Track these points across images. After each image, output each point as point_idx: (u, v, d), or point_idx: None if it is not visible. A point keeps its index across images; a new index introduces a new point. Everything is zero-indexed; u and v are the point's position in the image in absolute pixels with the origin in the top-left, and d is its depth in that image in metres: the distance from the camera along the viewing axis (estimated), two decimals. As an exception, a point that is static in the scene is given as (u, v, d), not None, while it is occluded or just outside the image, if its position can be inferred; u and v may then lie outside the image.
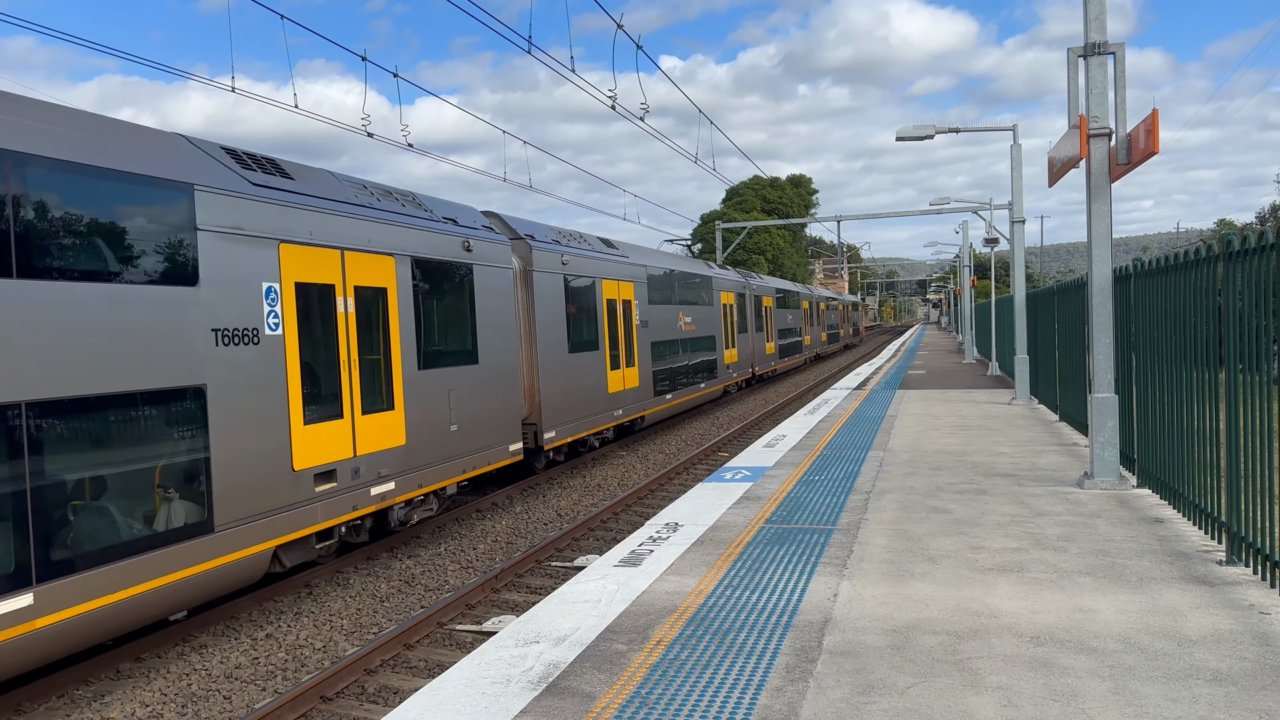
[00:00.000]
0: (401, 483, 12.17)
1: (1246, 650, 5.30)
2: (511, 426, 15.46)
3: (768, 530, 8.70)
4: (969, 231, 42.47)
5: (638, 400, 22.08)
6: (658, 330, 23.94)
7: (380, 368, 11.96)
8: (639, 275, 22.83)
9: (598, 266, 19.97)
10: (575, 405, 18.29)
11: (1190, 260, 8.08)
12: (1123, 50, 9.74)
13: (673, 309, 25.54)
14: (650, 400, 22.99)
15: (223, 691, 8.37)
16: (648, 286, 23.38)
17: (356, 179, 12.72)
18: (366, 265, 11.74)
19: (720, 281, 31.78)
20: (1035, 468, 11.50)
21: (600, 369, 19.63)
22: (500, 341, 15.11)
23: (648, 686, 5.15)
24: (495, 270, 15.10)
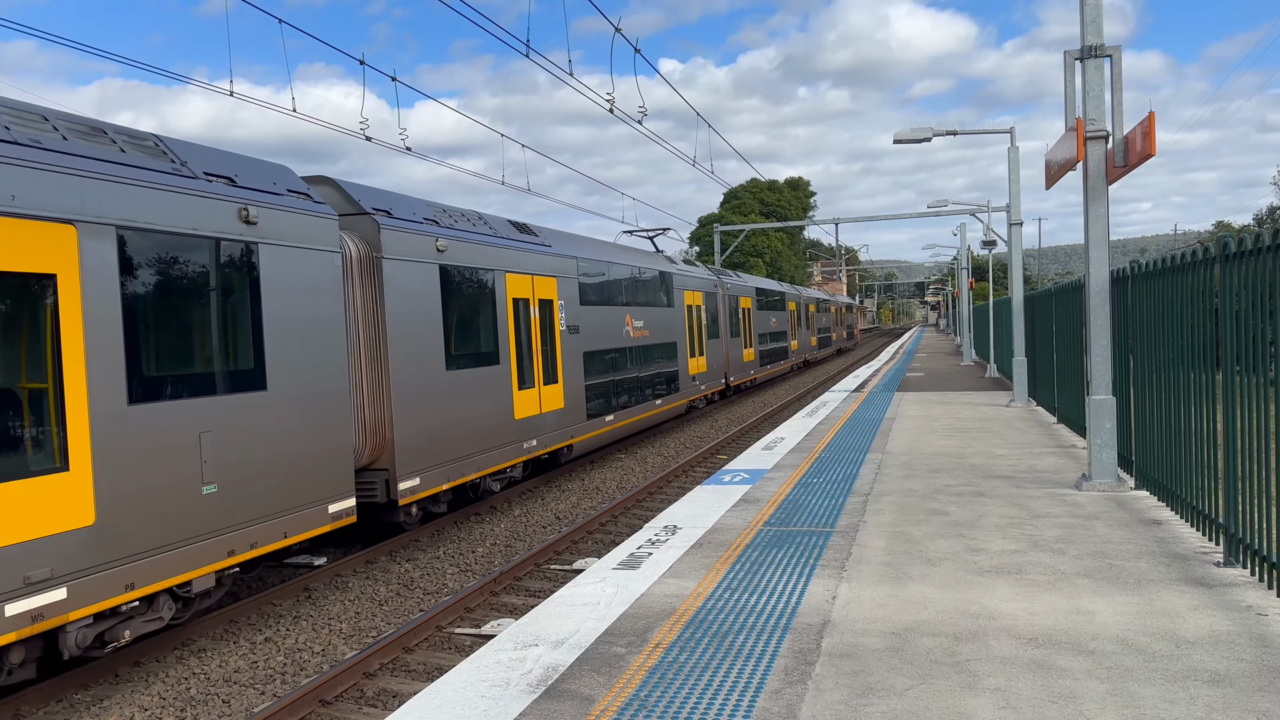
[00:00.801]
0: (85, 586, 7.79)
1: (1244, 651, 5.31)
2: (332, 477, 10.91)
3: (766, 532, 8.70)
4: (967, 234, 42.53)
5: (561, 426, 17.69)
6: (594, 337, 19.67)
7: (45, 403, 7.67)
8: (565, 269, 18.40)
9: (499, 256, 15.64)
10: (458, 439, 13.88)
11: (1187, 262, 8.10)
12: (1119, 53, 9.76)
13: (616, 311, 21.28)
14: (581, 425, 18.72)
15: (221, 695, 8.37)
16: (579, 283, 19.03)
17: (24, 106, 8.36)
18: (11, 238, 7.41)
19: (683, 279, 27.39)
20: (1033, 470, 11.51)
21: (503, 389, 15.34)
22: (310, 356, 10.66)
23: (646, 689, 5.15)
24: (304, 255, 10.64)
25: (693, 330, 27.81)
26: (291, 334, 10.48)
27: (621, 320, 21.67)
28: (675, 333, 25.91)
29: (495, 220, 16.66)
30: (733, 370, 32.93)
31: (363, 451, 12.16)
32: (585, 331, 19.27)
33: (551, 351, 17.53)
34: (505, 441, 15.39)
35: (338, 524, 11.10)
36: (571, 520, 15.03)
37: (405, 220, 13.23)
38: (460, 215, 15.39)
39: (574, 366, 18.52)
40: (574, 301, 18.76)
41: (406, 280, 12.93)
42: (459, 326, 14.23)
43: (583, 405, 18.84)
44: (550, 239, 18.47)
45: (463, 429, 14.04)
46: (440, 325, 13.62)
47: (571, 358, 18.40)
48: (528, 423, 16.29)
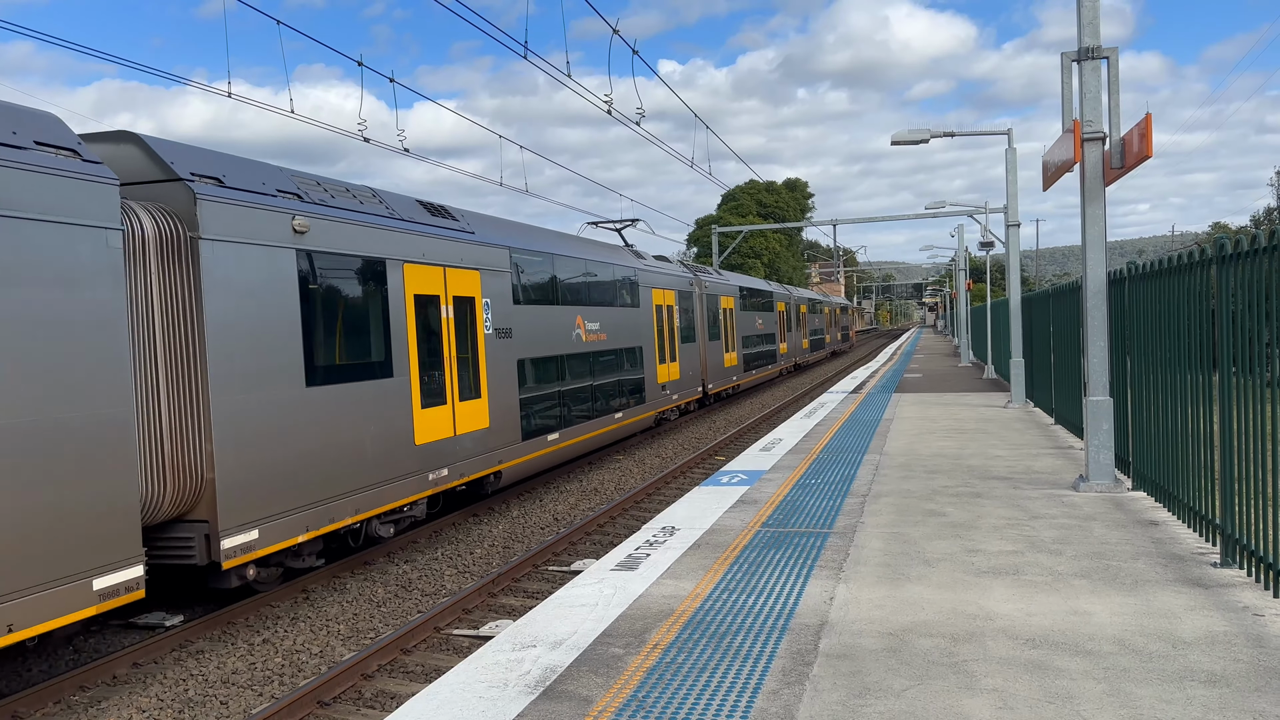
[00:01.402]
0: None
1: (1241, 652, 5.33)
2: (99, 540, 8.12)
3: (764, 534, 8.71)
4: (965, 235, 42.57)
5: (486, 449, 14.62)
6: (533, 342, 16.70)
7: None
8: (494, 261, 15.44)
9: (395, 243, 12.60)
10: (326, 475, 10.86)
11: (1184, 263, 8.12)
12: (1116, 54, 9.78)
13: (563, 312, 18.27)
14: (513, 447, 15.57)
15: (219, 697, 8.37)
16: (513, 279, 16.11)
17: None
18: None
19: (651, 276, 24.31)
20: (1031, 471, 11.53)
21: (397, 408, 12.31)
22: (54, 371, 7.83)
23: (644, 690, 5.16)
24: (52, 232, 7.90)
25: (663, 333, 24.87)
26: (17, 340, 7.52)
27: (570, 322, 18.64)
28: (641, 336, 22.98)
29: (396, 199, 13.52)
30: (712, 377, 30.19)
31: (161, 500, 9.09)
32: (521, 335, 16.16)
33: (472, 360, 14.48)
34: (401, 473, 12.29)
35: (110, 604, 8.16)
36: (569, 521, 15.04)
37: (242, 191, 10.11)
38: (342, 190, 12.19)
39: (504, 377, 15.41)
40: (505, 300, 15.67)
41: (240, 270, 9.89)
42: (329, 331, 11.09)
43: (516, 423, 15.72)
44: (475, 224, 15.46)
45: (334, 461, 10.95)
46: (298, 329, 10.51)
47: (501, 367, 15.33)
48: (435, 448, 13.16)
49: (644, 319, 23.50)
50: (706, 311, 29.67)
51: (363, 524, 11.98)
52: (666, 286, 25.72)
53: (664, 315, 25.20)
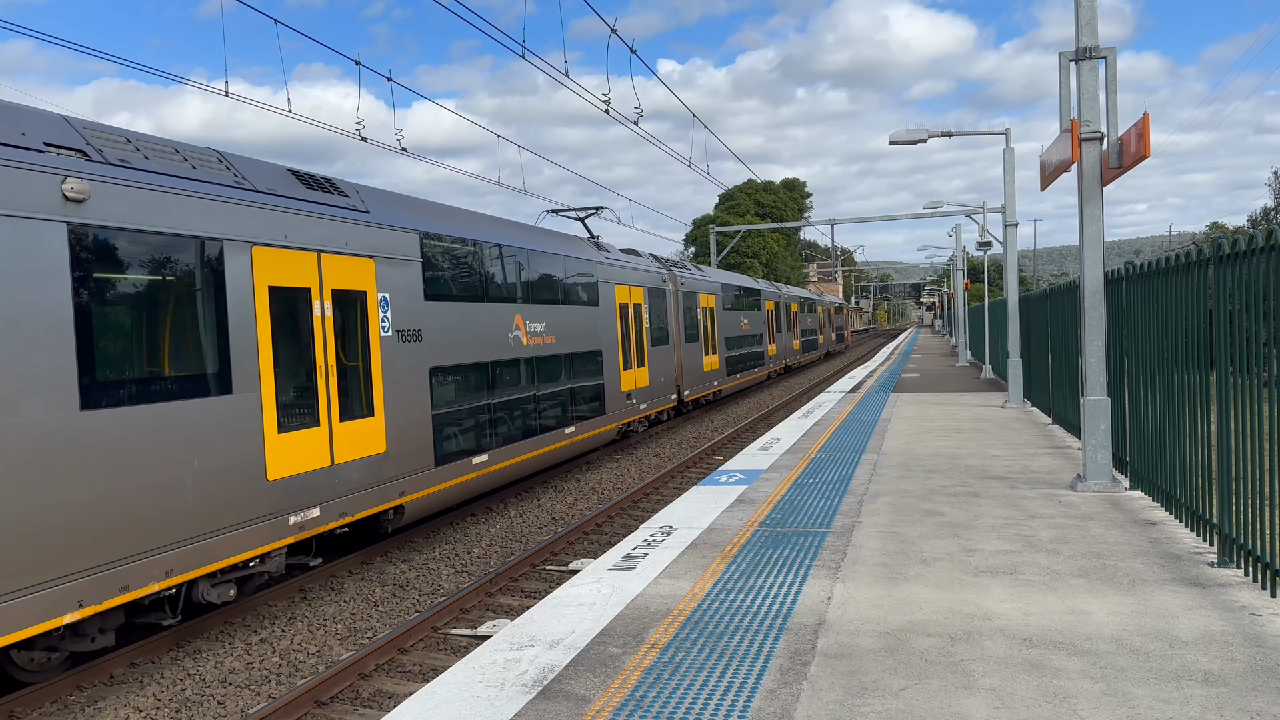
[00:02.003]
0: None
1: (1238, 651, 5.33)
2: None
3: (762, 533, 8.71)
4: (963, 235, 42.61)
5: (381, 479, 11.94)
6: (452, 346, 14.02)
7: None
8: (397, 248, 12.75)
9: (238, 219, 9.90)
10: (111, 529, 8.24)
11: (1182, 263, 8.12)
12: (1114, 54, 9.78)
13: (495, 310, 15.56)
14: (423, 474, 12.94)
15: (216, 696, 8.36)
16: (425, 270, 13.39)
17: None
18: None
19: (614, 270, 21.76)
20: (1028, 470, 11.53)
21: (241, 433, 9.66)
22: None
23: (642, 690, 5.16)
24: None
25: (629, 335, 22.28)
26: None
27: (506, 322, 15.90)
28: (601, 338, 20.38)
29: (255, 166, 10.76)
30: (689, 382, 27.59)
31: None
32: (436, 338, 13.52)
33: (362, 369, 11.78)
34: (243, 518, 9.55)
35: None
36: (567, 521, 15.04)
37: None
38: (167, 151, 9.59)
39: (410, 390, 12.72)
40: (412, 295, 12.99)
41: None
42: (122, 334, 8.57)
43: (427, 446, 13.06)
44: (373, 202, 12.67)
45: (128, 508, 8.38)
46: (68, 332, 7.99)
47: (404, 377, 12.65)
48: (301, 483, 10.44)
49: (605, 319, 20.85)
50: (683, 310, 27.30)
51: (181, 588, 9.19)
52: (633, 283, 23.12)
53: (630, 315, 22.65)
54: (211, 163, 10.05)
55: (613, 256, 22.26)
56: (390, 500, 12.19)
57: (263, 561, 10.17)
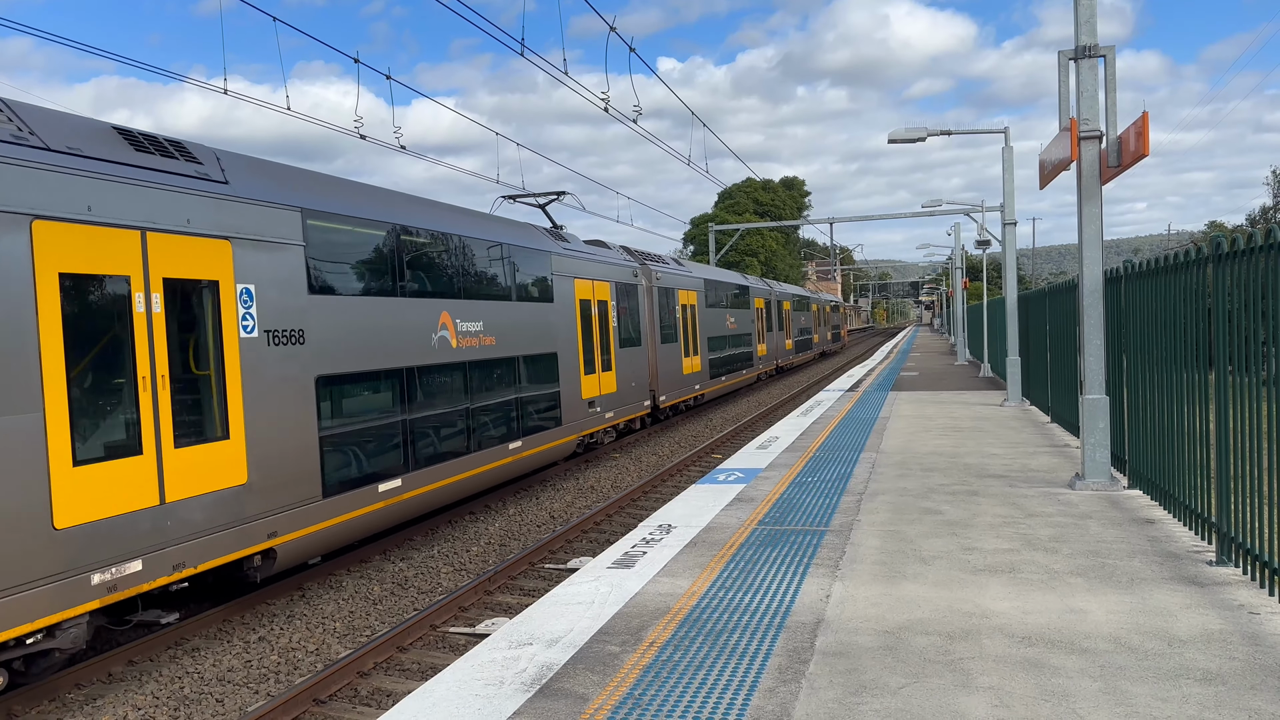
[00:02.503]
0: None
1: (1236, 650, 5.33)
2: None
3: (761, 532, 8.71)
4: (961, 234, 42.62)
5: (241, 518, 9.67)
6: (350, 350, 11.61)
7: None
8: (268, 228, 10.41)
9: None
10: None
11: (1180, 262, 8.12)
12: (1113, 53, 9.78)
13: (415, 307, 13.18)
14: (305, 508, 10.59)
15: (215, 694, 8.36)
16: (309, 255, 11.00)
17: None
18: None
19: (572, 262, 19.43)
20: (1027, 469, 11.54)
21: (7, 468, 7.46)
22: None
23: (641, 688, 5.16)
24: None
25: (591, 335, 20.05)
26: None
27: (430, 321, 13.55)
28: (556, 339, 18.02)
29: (55, 120, 8.59)
30: (665, 387, 25.29)
31: None
32: (326, 340, 11.10)
33: (214, 379, 9.51)
34: (17, 581, 7.43)
35: None
36: (566, 519, 15.04)
37: None
38: None
39: (286, 404, 10.42)
40: (291, 287, 10.64)
41: None
42: None
43: (313, 472, 10.74)
44: (234, 171, 10.29)
45: None
46: None
47: (278, 388, 10.32)
48: (111, 529, 8.26)
49: (562, 317, 18.56)
50: (657, 308, 25.04)
51: None
52: (598, 277, 20.79)
53: (594, 313, 20.38)
54: None
55: (572, 247, 19.74)
56: (254, 544, 9.82)
57: (51, 635, 7.78)
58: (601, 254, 21.78)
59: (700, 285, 29.84)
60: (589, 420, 19.70)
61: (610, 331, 21.30)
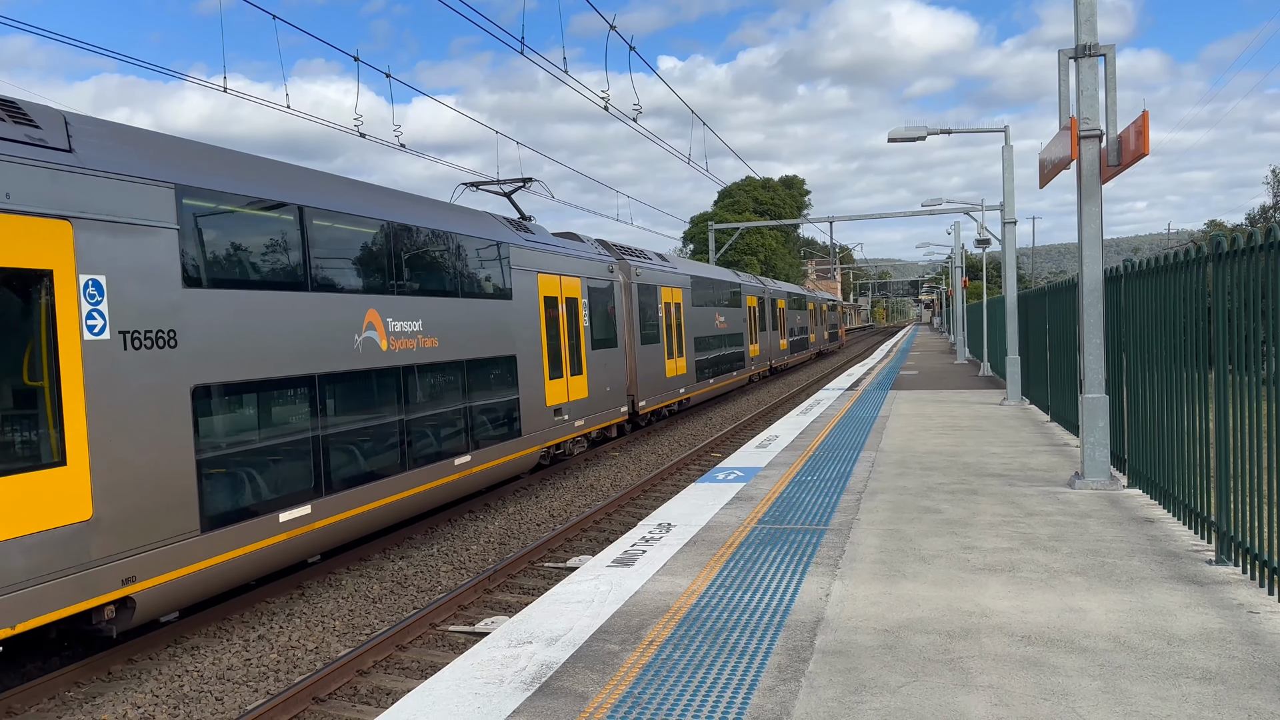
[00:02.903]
0: None
1: (1236, 649, 5.34)
2: None
3: (760, 530, 8.71)
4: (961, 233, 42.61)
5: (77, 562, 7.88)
6: (237, 355, 9.91)
7: None
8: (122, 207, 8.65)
9: None
10: None
11: (1180, 261, 8.12)
12: (1113, 52, 9.78)
13: (329, 304, 11.37)
14: (174, 546, 8.90)
15: (214, 693, 8.36)
16: (188, 240, 9.40)
17: None
18: None
19: (535, 256, 17.30)
20: (1026, 468, 11.54)
21: None
22: None
23: (640, 686, 5.16)
24: None
25: (558, 336, 18.08)
26: None
27: (353, 320, 11.68)
28: (514, 340, 16.02)
29: None
30: (646, 391, 23.62)
31: None
32: (207, 343, 9.43)
33: (48, 390, 7.80)
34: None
35: None
36: (565, 518, 15.04)
37: None
38: None
39: (151, 420, 8.69)
40: (159, 279, 8.94)
41: None
42: None
43: (187, 502, 9.03)
44: (83, 137, 8.57)
45: None
46: None
47: (140, 401, 8.61)
48: None
49: (522, 315, 16.51)
50: (637, 306, 23.17)
51: None
52: (567, 272, 18.78)
53: (561, 311, 18.34)
54: None
55: (535, 239, 17.68)
56: (101, 593, 8.03)
57: None
58: (572, 247, 19.66)
59: (686, 283, 27.98)
60: (555, 430, 17.73)
61: (581, 332, 19.40)
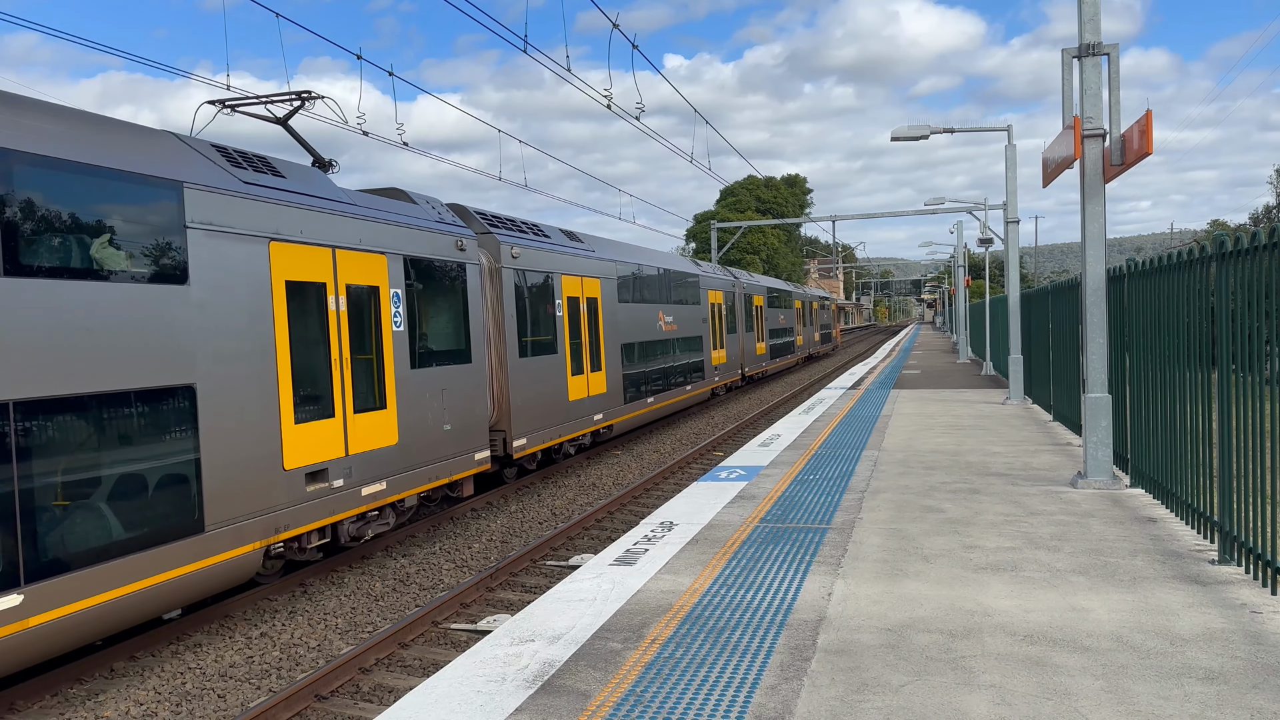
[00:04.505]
0: None
1: (1238, 649, 5.33)
2: None
3: (762, 529, 8.71)
4: (964, 232, 42.59)
5: None
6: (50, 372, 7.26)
7: None
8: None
9: None
10: None
11: (1184, 261, 8.11)
12: (1116, 51, 9.77)
13: None
14: None
15: (217, 690, 8.37)
16: None
17: None
18: None
19: (239, 210, 9.94)
20: (1029, 467, 11.53)
21: None
22: None
23: (642, 685, 5.16)
24: None
25: (319, 348, 11.16)
26: None
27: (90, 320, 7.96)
28: (189, 359, 9.19)
29: None
30: (526, 422, 16.43)
31: None
32: None
33: None
34: None
35: None
36: (567, 516, 15.04)
37: None
38: None
39: None
40: None
41: None
42: None
43: None
44: None
45: None
46: None
47: None
48: None
49: (213, 317, 9.61)
50: (515, 301, 16.45)
51: None
52: (353, 245, 11.75)
53: (334, 307, 11.35)
54: None
55: (257, 181, 10.44)
56: None
57: None
58: (377, 206, 12.70)
59: (610, 272, 21.37)
60: (297, 514, 10.47)
61: (385, 340, 12.36)
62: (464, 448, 14.33)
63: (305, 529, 10.66)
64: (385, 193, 14.11)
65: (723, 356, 31.71)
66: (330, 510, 11.15)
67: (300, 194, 11.10)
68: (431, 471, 13.36)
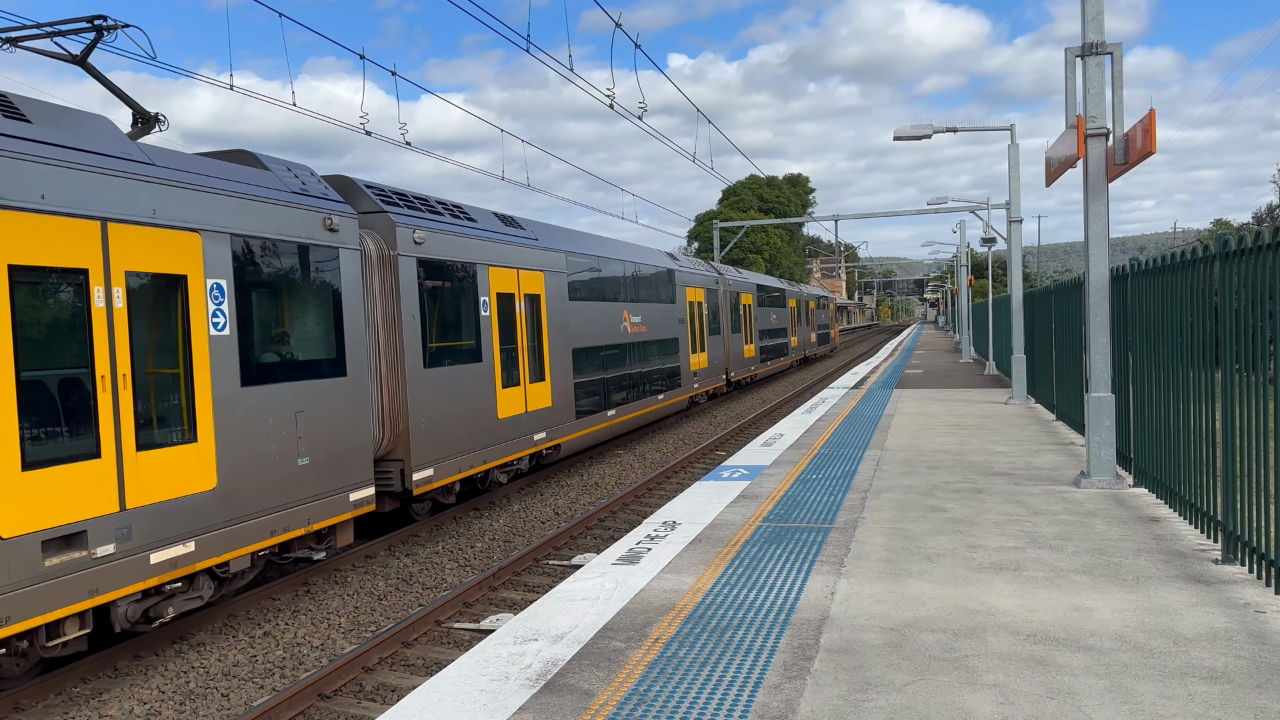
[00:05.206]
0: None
1: (1242, 648, 5.33)
2: None
3: (765, 529, 8.71)
4: (967, 231, 42.56)
5: None
6: None
7: None
8: None
9: None
10: None
11: (1187, 260, 8.11)
12: (1120, 50, 9.76)
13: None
14: None
15: (221, 689, 8.38)
16: None
17: None
18: None
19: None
20: (1032, 467, 11.52)
21: None
22: None
23: (646, 684, 5.16)
24: None
25: (80, 360, 7.91)
26: None
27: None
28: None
29: None
30: (436, 446, 13.29)
31: None
32: None
33: None
34: None
35: None
36: (570, 516, 15.05)
37: None
38: None
39: None
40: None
41: None
42: None
43: None
44: None
45: None
46: None
47: None
48: None
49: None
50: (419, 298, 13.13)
51: None
52: (152, 220, 8.64)
53: (116, 304, 8.11)
54: None
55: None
56: None
57: None
58: (196, 169, 9.45)
59: (559, 263, 17.94)
60: (21, 600, 7.28)
61: (198, 348, 9.14)
62: (332, 486, 10.87)
63: (35, 622, 7.32)
64: (228, 155, 10.70)
65: (704, 361, 28.69)
66: (90, 589, 7.84)
67: (46, 144, 7.81)
68: (276, 522, 9.97)
